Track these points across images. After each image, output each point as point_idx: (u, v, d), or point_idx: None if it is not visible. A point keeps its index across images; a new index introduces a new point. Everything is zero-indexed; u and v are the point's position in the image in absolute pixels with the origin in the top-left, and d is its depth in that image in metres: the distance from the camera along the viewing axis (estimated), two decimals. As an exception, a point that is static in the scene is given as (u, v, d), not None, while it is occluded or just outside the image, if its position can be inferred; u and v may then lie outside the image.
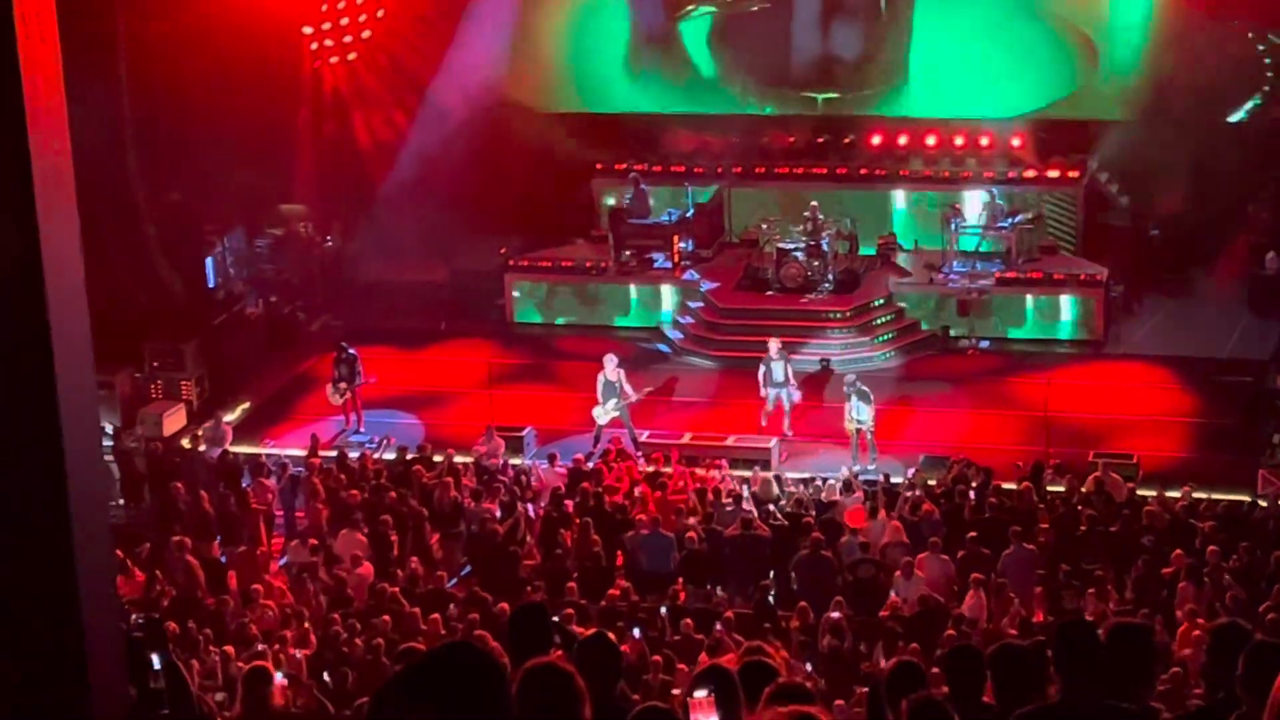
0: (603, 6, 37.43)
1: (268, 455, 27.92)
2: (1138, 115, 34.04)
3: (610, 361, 28.94)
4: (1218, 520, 23.78)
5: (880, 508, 24.83)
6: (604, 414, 28.70)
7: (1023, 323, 32.78)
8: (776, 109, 37.19)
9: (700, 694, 6.64)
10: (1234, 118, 35.12)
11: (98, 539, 5.54)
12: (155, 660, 7.82)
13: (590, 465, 26.74)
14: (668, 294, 34.05)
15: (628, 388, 28.72)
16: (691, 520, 24.66)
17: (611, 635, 8.20)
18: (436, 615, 21.32)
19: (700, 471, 26.56)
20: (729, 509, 24.81)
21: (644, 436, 28.30)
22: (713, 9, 37.41)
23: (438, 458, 27.05)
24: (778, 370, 28.91)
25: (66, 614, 5.24)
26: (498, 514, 24.95)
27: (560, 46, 37.57)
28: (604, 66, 37.68)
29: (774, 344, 29.11)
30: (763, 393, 28.93)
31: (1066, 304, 32.66)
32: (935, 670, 12.01)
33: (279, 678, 16.83)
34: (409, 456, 27.20)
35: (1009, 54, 35.24)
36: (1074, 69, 36.10)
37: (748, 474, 26.52)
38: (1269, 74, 35.13)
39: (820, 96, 36.75)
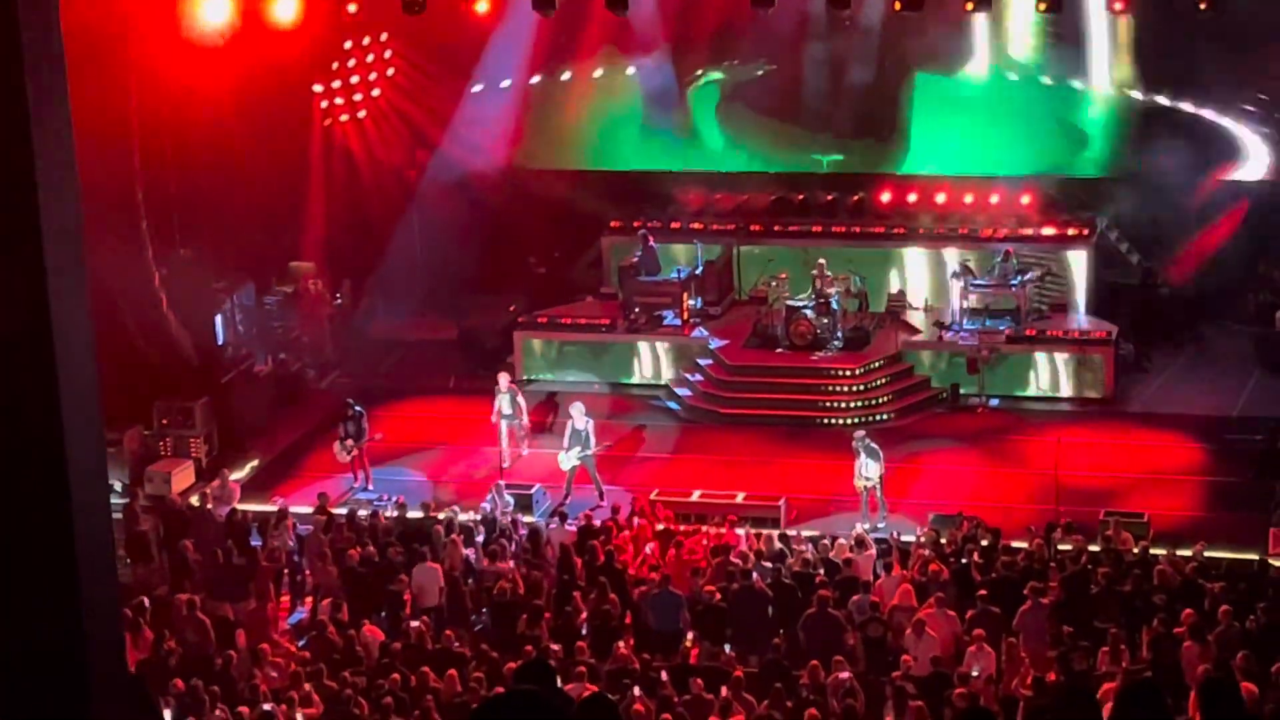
0: (616, 71, 37.45)
1: (278, 512, 27.82)
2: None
3: (578, 410, 29.24)
4: (1228, 579, 23.70)
5: (894, 565, 24.80)
6: (567, 460, 29.04)
7: (1032, 381, 32.72)
8: (783, 168, 37.27)
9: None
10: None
11: (105, 597, 5.51)
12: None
13: (598, 522, 26.71)
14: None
15: (594, 437, 29.10)
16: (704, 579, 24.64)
17: (612, 696, 8.15)
18: (453, 672, 21.28)
19: (712, 529, 26.52)
20: (739, 567, 24.76)
21: (653, 494, 28.24)
22: (720, 75, 37.50)
23: (442, 515, 27.01)
24: (506, 403, 30.29)
25: (73, 671, 5.22)
26: (508, 572, 24.90)
27: (572, 106, 37.62)
28: (617, 126, 37.72)
29: (504, 378, 30.78)
30: (495, 420, 30.45)
31: (1076, 362, 32.59)
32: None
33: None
34: (409, 514, 27.20)
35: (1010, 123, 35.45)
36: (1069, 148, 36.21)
37: (755, 531, 26.49)
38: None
39: (825, 159, 36.81)
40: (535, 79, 37.17)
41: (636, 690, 20.60)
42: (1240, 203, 34.11)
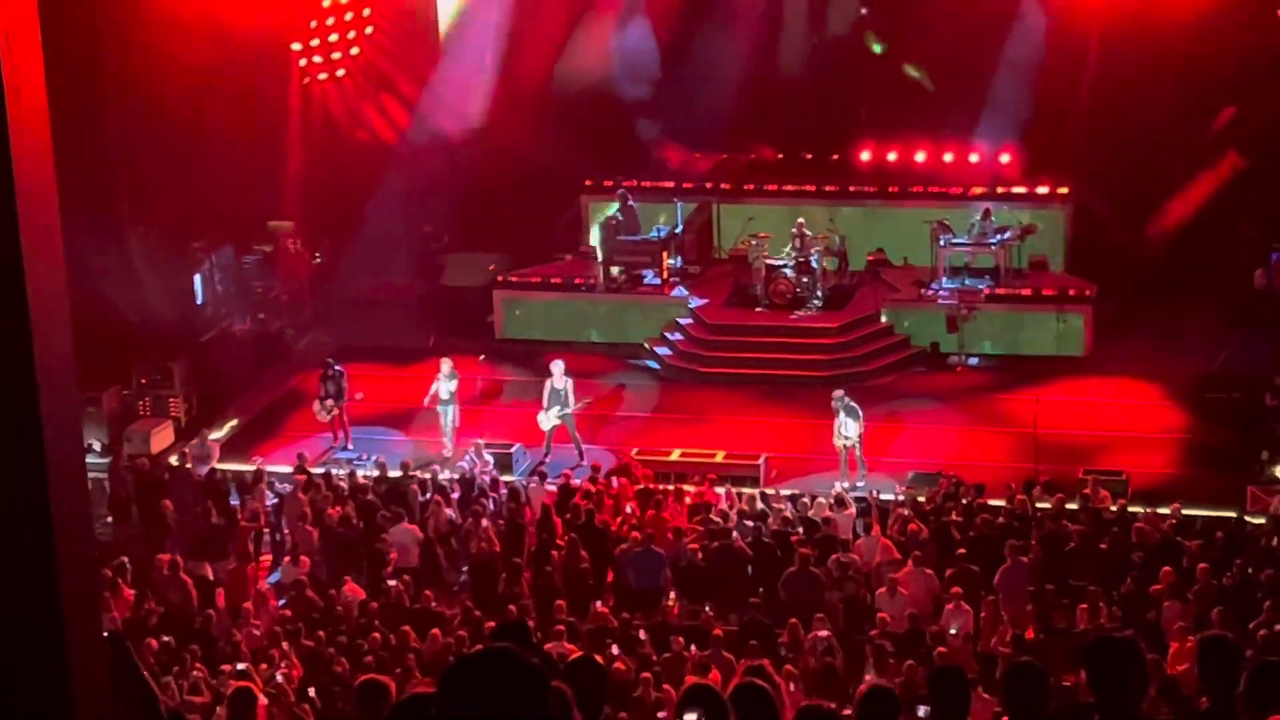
0: (593, 32, 37.29)
1: (256, 472, 27.80)
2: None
3: (558, 368, 29.14)
4: (1206, 537, 23.77)
5: (874, 524, 24.84)
6: (547, 420, 28.96)
7: (1011, 339, 32.75)
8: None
9: (690, 717, 6.63)
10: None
11: (81, 560, 5.49)
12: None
13: (576, 481, 26.72)
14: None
15: (573, 396, 28.99)
16: (687, 537, 24.67)
17: (598, 658, 8.17)
18: (436, 632, 21.31)
19: (691, 488, 26.54)
20: (719, 526, 24.80)
21: (633, 453, 28.26)
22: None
23: (423, 474, 27.01)
24: (444, 389, 29.39)
25: (49, 633, 5.21)
26: (487, 532, 24.92)
27: (549, 65, 37.44)
28: (593, 87, 37.56)
29: (446, 363, 29.69)
30: (428, 404, 29.59)
31: (1055, 320, 32.62)
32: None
33: (262, 698, 16.79)
34: (390, 474, 27.21)
35: None
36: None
37: (736, 490, 26.52)
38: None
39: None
40: (512, 38, 36.99)
41: (615, 649, 20.65)
42: (1227, 158, 34.14)
